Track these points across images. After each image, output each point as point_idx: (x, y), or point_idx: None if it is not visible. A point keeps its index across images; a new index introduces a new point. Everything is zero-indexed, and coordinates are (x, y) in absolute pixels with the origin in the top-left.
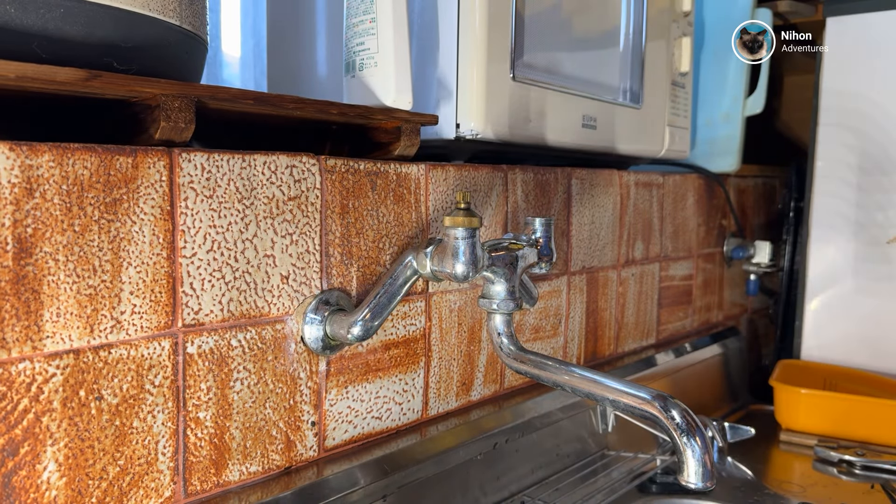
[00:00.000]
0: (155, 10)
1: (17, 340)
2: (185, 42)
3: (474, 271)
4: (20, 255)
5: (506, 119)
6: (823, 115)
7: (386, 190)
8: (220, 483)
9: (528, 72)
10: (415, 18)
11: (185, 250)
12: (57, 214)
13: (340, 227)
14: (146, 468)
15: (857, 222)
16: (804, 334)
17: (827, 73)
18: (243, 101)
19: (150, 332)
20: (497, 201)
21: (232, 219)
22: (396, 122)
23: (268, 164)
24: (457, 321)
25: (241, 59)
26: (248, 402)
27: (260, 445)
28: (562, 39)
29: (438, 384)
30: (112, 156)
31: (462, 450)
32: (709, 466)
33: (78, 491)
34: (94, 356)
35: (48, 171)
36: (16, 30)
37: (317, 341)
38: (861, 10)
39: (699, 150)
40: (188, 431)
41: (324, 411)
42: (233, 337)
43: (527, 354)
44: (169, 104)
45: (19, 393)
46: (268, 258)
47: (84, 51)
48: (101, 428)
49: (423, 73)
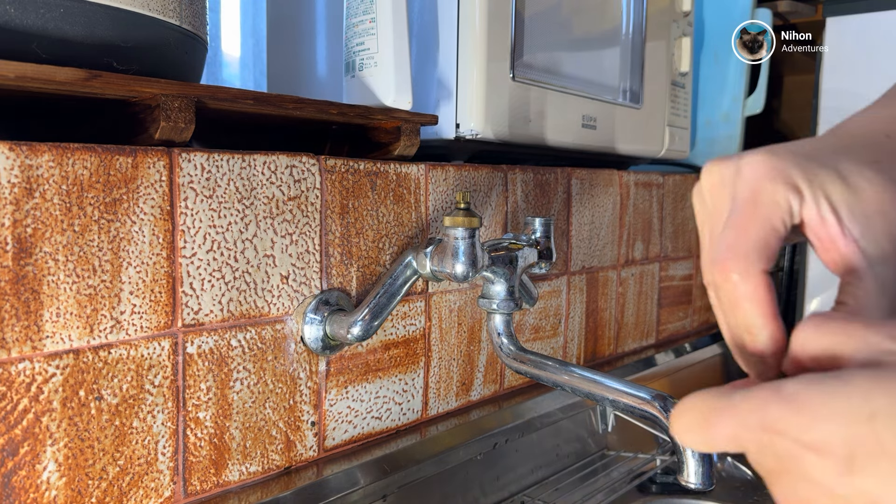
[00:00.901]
0: (155, 9)
1: (17, 340)
2: (184, 42)
3: (474, 271)
4: (20, 255)
5: (506, 119)
6: (823, 115)
7: (386, 190)
8: (220, 483)
9: (528, 72)
10: (415, 18)
11: (185, 250)
12: (57, 214)
13: (340, 227)
14: (146, 468)
15: None
16: None
17: (827, 74)
18: (243, 101)
19: (150, 332)
20: (497, 201)
21: (232, 219)
22: (396, 122)
23: (267, 164)
24: (456, 321)
25: (241, 59)
26: (248, 402)
27: (260, 445)
28: (562, 39)
29: (438, 384)
30: (112, 156)
31: (462, 450)
32: (709, 466)
33: (78, 491)
34: (93, 356)
35: (48, 171)
36: (16, 30)
37: (317, 341)
38: (861, 10)
39: (699, 150)
40: (188, 431)
41: (324, 411)
42: (233, 337)
43: (527, 354)
44: (169, 104)
45: (19, 393)
46: (268, 258)
47: (84, 51)
48: (101, 428)
49: (422, 73)
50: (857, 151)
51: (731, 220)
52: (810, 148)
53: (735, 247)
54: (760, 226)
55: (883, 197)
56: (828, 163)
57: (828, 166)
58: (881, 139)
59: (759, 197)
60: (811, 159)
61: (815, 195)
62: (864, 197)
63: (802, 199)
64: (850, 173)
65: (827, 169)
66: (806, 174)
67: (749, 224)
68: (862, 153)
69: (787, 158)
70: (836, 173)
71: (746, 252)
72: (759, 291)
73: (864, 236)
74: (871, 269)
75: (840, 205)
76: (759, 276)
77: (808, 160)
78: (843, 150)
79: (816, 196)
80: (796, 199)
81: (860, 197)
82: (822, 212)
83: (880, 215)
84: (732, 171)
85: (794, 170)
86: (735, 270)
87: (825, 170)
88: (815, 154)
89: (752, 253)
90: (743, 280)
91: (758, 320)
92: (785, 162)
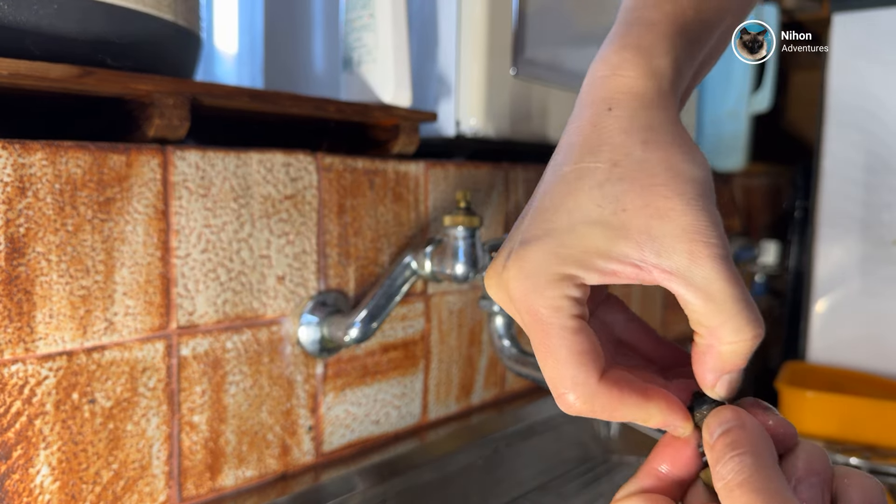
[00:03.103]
0: (149, 5)
1: (10, 342)
2: (179, 38)
3: (475, 272)
4: (12, 255)
5: (507, 116)
6: (830, 113)
7: (384, 189)
8: (216, 488)
9: (530, 68)
10: (414, 13)
11: (179, 250)
12: (49, 214)
13: (338, 227)
14: (140, 472)
15: (864, 222)
16: (810, 336)
17: (834, 71)
18: (239, 98)
19: (144, 334)
20: (498, 200)
21: (227, 218)
22: (395, 119)
23: (263, 162)
24: (457, 323)
25: (237, 56)
26: (244, 405)
27: (256, 450)
28: (564, 34)
29: (438, 387)
30: (105, 154)
31: (462, 454)
32: None
33: (71, 495)
34: (86, 358)
35: (41, 170)
36: (9, 26)
37: (313, 343)
38: (868, 7)
39: (704, 147)
40: (183, 435)
41: (320, 415)
42: (228, 339)
43: (528, 357)
44: (163, 101)
45: (12, 395)
46: (263, 259)
47: (77, 47)
48: (95, 431)
49: (422, 69)
50: (590, 169)
51: (537, 353)
52: (553, 214)
53: (559, 377)
54: (561, 342)
55: (645, 199)
56: (573, 218)
57: (575, 226)
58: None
59: (539, 315)
60: (559, 231)
61: (586, 265)
62: (629, 221)
63: (577, 279)
64: (600, 210)
65: (576, 231)
66: (561, 256)
67: (552, 349)
68: (596, 165)
69: (539, 255)
70: (585, 226)
71: (572, 375)
72: (611, 396)
73: (660, 252)
74: (689, 283)
75: (615, 249)
76: (599, 386)
77: (557, 236)
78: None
79: (588, 264)
80: (571, 288)
81: (627, 225)
82: (607, 269)
83: (656, 217)
84: (505, 296)
85: (551, 261)
86: (575, 398)
87: (575, 233)
88: (558, 218)
89: (578, 373)
90: (588, 399)
91: (637, 413)
92: (539, 263)
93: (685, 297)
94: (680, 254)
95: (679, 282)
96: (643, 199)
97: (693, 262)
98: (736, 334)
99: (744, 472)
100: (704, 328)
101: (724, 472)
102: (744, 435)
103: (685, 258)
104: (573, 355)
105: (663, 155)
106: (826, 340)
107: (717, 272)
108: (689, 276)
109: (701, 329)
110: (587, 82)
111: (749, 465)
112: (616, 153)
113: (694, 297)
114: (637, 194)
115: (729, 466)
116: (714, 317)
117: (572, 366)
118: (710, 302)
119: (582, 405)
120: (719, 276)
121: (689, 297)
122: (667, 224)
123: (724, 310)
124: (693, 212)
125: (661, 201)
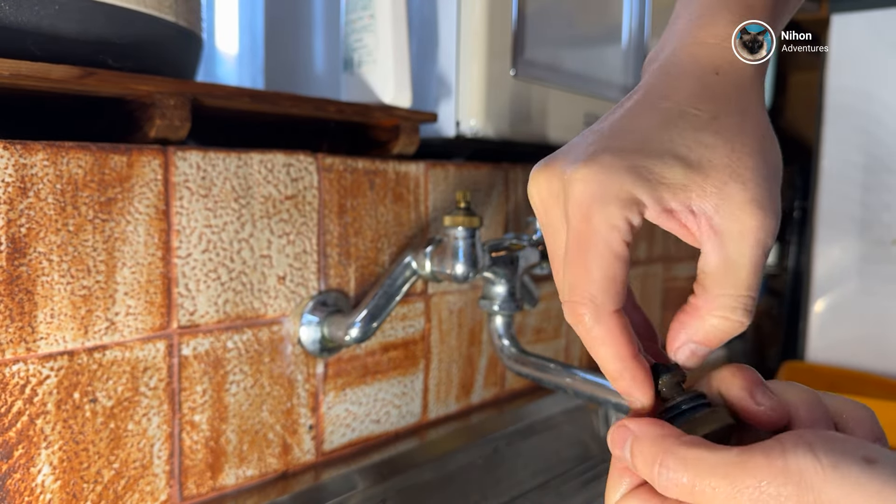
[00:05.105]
0: (150, 6)
1: (11, 342)
2: (180, 39)
3: (475, 272)
4: (14, 255)
5: (507, 117)
6: (829, 113)
7: (385, 189)
8: (217, 487)
9: (530, 68)
10: (414, 14)
11: (181, 250)
12: (51, 214)
13: (338, 227)
14: (141, 472)
15: (863, 222)
16: (809, 336)
17: (832, 72)
18: (239, 99)
19: (145, 334)
20: (498, 200)
21: (228, 218)
22: (395, 119)
23: (264, 162)
24: (457, 323)
25: (238, 56)
26: (245, 405)
27: (256, 449)
28: (564, 35)
29: (438, 387)
30: (106, 154)
31: (462, 454)
32: None
33: (73, 494)
34: (88, 358)
35: (42, 170)
36: (10, 27)
37: (314, 343)
38: (867, 7)
39: None
40: (184, 435)
41: (321, 414)
42: (228, 339)
43: (528, 356)
44: (164, 102)
45: (13, 395)
46: (264, 259)
47: (79, 48)
48: (96, 431)
49: (422, 69)
50: (692, 114)
51: (570, 256)
52: (641, 136)
53: (580, 289)
54: (601, 261)
55: (731, 159)
56: (662, 147)
57: (663, 154)
58: (711, 80)
59: (593, 224)
60: (643, 152)
61: (656, 194)
62: (710, 172)
63: (642, 206)
64: (688, 150)
65: (663, 158)
66: (640, 176)
67: (589, 261)
68: (698, 112)
69: (617, 165)
70: (673, 158)
71: (592, 294)
72: (611, 335)
73: (719, 210)
74: (723, 248)
75: (685, 190)
76: (609, 319)
77: (641, 155)
78: (675, 119)
79: (657, 194)
80: (635, 213)
81: (707, 174)
82: (669, 205)
83: (734, 179)
84: (559, 188)
85: (627, 177)
86: (584, 313)
87: (661, 160)
88: (647, 142)
89: (599, 294)
90: (594, 323)
91: (616, 364)
92: (615, 173)
93: (711, 257)
94: (735, 221)
95: (717, 242)
96: (729, 159)
97: (741, 237)
98: (728, 311)
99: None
100: (705, 291)
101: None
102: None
103: (736, 227)
104: (605, 279)
105: (757, 131)
106: (825, 340)
107: (751, 258)
108: (728, 244)
109: (700, 290)
110: (691, 40)
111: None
112: (719, 110)
113: (718, 261)
114: (726, 154)
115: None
116: (721, 287)
117: (600, 288)
118: (728, 274)
119: (587, 322)
120: (751, 262)
121: (714, 258)
122: (740, 191)
123: (734, 286)
124: (765, 194)
125: (743, 169)
